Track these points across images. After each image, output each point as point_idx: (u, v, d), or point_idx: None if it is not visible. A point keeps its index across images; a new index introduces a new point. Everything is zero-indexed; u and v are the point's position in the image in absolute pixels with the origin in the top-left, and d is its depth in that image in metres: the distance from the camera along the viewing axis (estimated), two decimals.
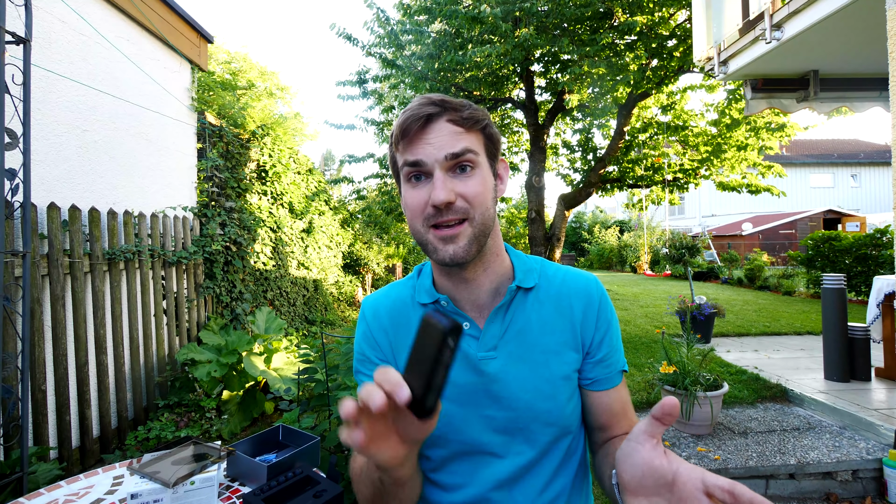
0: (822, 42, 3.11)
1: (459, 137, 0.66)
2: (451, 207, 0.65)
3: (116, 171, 3.06)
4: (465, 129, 0.67)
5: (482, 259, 0.72)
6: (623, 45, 5.30)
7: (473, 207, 0.66)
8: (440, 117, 0.66)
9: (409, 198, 0.68)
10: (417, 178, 0.67)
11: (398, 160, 0.70)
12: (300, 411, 2.12)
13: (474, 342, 0.72)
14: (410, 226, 0.70)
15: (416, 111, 0.66)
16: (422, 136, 0.66)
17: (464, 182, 0.66)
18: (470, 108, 0.68)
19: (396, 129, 0.67)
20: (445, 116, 0.66)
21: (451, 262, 0.66)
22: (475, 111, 0.69)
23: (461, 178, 0.66)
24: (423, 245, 0.69)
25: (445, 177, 0.65)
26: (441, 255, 0.66)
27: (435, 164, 0.65)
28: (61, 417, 2.46)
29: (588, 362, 0.74)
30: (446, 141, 0.65)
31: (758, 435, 2.81)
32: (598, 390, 0.74)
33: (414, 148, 0.66)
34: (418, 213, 0.67)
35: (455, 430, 0.71)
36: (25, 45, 1.94)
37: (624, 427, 0.73)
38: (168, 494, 0.97)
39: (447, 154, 0.65)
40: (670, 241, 5.93)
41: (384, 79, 5.84)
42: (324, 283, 6.86)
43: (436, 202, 0.63)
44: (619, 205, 23.32)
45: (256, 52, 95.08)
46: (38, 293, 2.34)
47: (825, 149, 22.16)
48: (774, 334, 5.42)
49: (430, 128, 0.66)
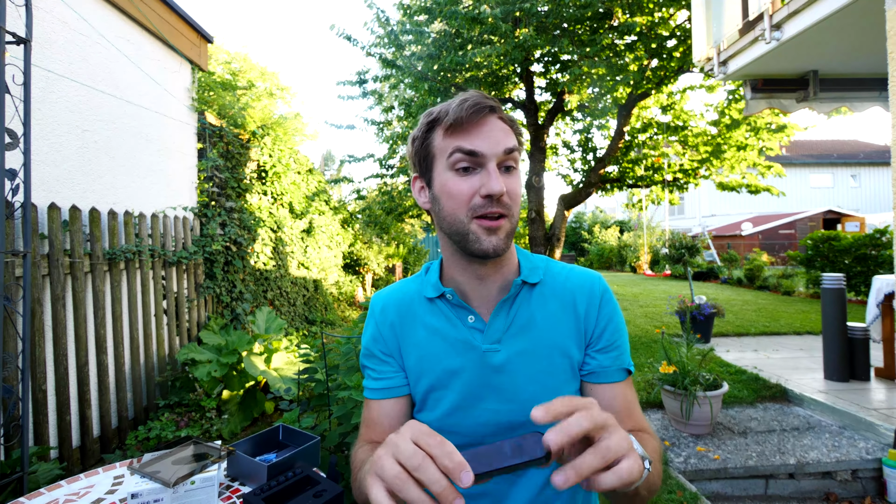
0: (822, 42, 3.11)
1: (510, 136, 0.69)
2: (500, 201, 0.67)
3: (116, 171, 3.06)
4: (510, 129, 0.70)
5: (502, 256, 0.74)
6: (623, 45, 5.30)
7: (514, 205, 0.69)
8: (495, 112, 0.69)
9: (454, 186, 0.68)
10: (466, 168, 0.68)
11: (444, 145, 0.69)
12: (300, 411, 2.12)
13: (479, 335, 0.73)
14: (450, 215, 0.69)
15: (479, 100, 0.67)
16: (480, 127, 0.67)
17: (509, 179, 0.69)
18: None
19: (453, 114, 0.66)
20: (498, 113, 0.69)
21: (494, 253, 0.68)
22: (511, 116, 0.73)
23: (507, 176, 0.69)
24: (463, 235, 0.69)
25: (497, 170, 0.67)
26: (484, 246, 0.67)
27: (493, 157, 0.67)
28: (62, 417, 2.46)
29: (588, 353, 0.75)
30: (501, 137, 0.68)
31: (757, 435, 2.81)
32: (598, 383, 0.73)
33: (471, 137, 0.67)
34: (464, 202, 0.67)
35: (456, 421, 0.72)
36: (26, 45, 1.95)
37: (628, 425, 0.72)
38: (168, 494, 0.97)
39: (505, 148, 0.67)
40: (670, 241, 5.94)
41: (384, 79, 5.85)
42: (324, 283, 6.87)
43: (492, 192, 0.65)
44: (619, 205, 23.32)
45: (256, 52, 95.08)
46: (38, 293, 2.34)
47: (825, 149, 22.15)
48: (774, 334, 5.42)
49: (488, 120, 0.68)
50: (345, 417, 1.73)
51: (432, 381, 0.74)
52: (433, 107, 0.73)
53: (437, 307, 0.77)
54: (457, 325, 0.75)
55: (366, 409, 0.80)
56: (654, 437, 0.69)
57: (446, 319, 0.75)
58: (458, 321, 0.75)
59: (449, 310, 0.76)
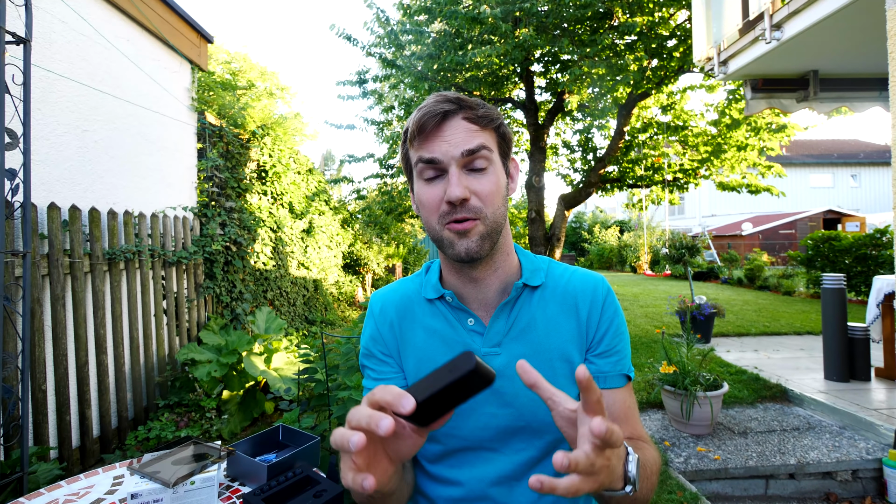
0: (822, 42, 3.11)
1: (475, 135, 0.67)
2: (466, 205, 0.65)
3: (116, 171, 3.06)
4: (480, 127, 0.67)
5: (492, 258, 0.72)
6: (623, 45, 5.30)
7: (486, 206, 0.67)
8: (456, 115, 0.67)
9: (423, 195, 0.68)
10: (432, 175, 0.67)
11: (412, 157, 0.70)
12: (300, 411, 2.12)
13: (479, 338, 0.72)
14: (426, 223, 0.70)
15: (432, 108, 0.65)
16: (438, 134, 0.66)
17: (478, 180, 0.67)
18: (485, 106, 0.69)
19: (412, 125, 0.67)
20: (461, 114, 0.67)
21: (467, 257, 0.67)
22: (490, 110, 0.69)
23: (475, 177, 0.67)
24: (439, 242, 0.69)
25: (460, 174, 0.65)
26: (457, 251, 0.67)
27: (451, 161, 0.65)
28: (61, 417, 2.46)
29: (587, 357, 0.73)
30: (462, 138, 0.66)
31: (758, 435, 2.81)
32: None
33: (430, 145, 0.66)
34: (433, 210, 0.67)
35: (455, 425, 0.71)
36: (25, 45, 1.94)
37: (626, 432, 0.70)
38: (168, 494, 0.97)
39: (463, 151, 0.65)
40: (670, 241, 5.93)
41: (384, 79, 5.84)
42: (324, 283, 6.86)
43: (451, 198, 0.64)
44: (619, 205, 23.31)
45: (256, 52, 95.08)
46: (38, 293, 2.34)
47: (825, 149, 22.14)
48: (774, 334, 5.42)
49: (446, 125, 0.66)
50: (345, 417, 1.73)
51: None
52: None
53: (437, 309, 0.76)
54: (456, 327, 0.74)
55: None
56: (651, 447, 0.68)
57: (446, 322, 0.75)
58: (457, 324, 0.74)
59: (449, 312, 0.75)
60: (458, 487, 0.71)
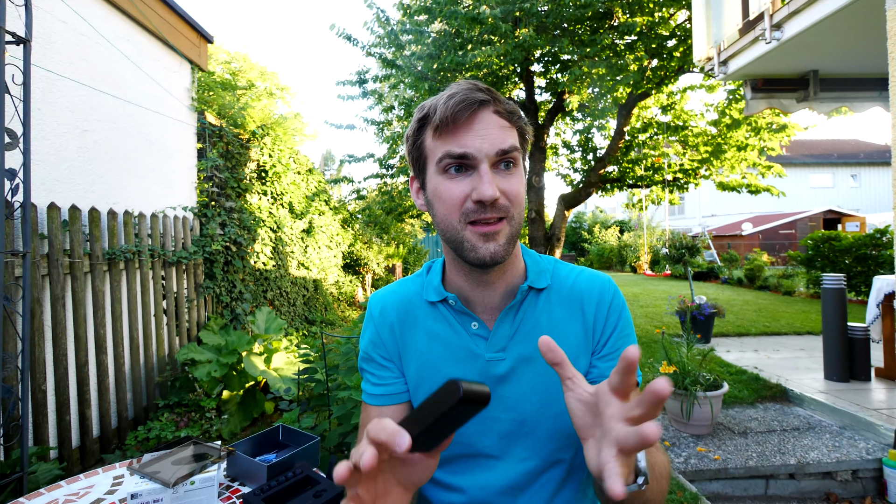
0: (822, 42, 3.11)
1: (507, 133, 0.63)
2: (495, 205, 0.61)
3: (116, 171, 3.06)
4: (509, 123, 0.64)
5: (506, 261, 0.68)
6: (623, 45, 5.30)
7: (514, 206, 0.64)
8: (488, 106, 0.62)
9: (445, 190, 0.63)
10: (458, 169, 0.62)
11: (434, 148, 0.64)
12: (300, 411, 2.12)
13: (483, 342, 0.70)
14: (442, 221, 0.65)
15: (466, 96, 0.60)
16: (470, 127, 0.61)
17: (507, 180, 0.63)
18: (508, 101, 0.66)
19: (440, 114, 0.61)
20: (493, 107, 0.63)
21: (492, 260, 0.62)
22: (512, 104, 0.66)
23: (504, 176, 0.63)
24: (458, 242, 0.64)
25: (492, 172, 0.62)
26: (481, 254, 0.62)
27: (483, 159, 0.61)
28: (61, 417, 2.46)
29: (592, 360, 0.71)
30: (496, 135, 0.62)
31: (758, 435, 2.81)
32: None
33: (460, 138, 0.61)
34: (456, 207, 0.62)
35: (458, 431, 0.69)
36: (25, 45, 1.94)
37: None
38: (168, 494, 0.97)
39: (498, 150, 0.61)
40: (670, 241, 5.94)
41: (384, 79, 5.84)
42: (324, 283, 6.86)
43: (483, 197, 0.60)
44: (619, 205, 23.32)
45: (256, 52, 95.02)
46: (38, 293, 2.34)
47: (825, 149, 22.15)
48: (774, 334, 5.42)
49: (478, 117, 0.62)
50: (345, 417, 1.73)
51: (431, 390, 0.71)
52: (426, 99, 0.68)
53: (440, 312, 0.73)
54: (459, 332, 0.71)
55: (364, 413, 0.77)
56: (660, 451, 0.67)
57: (448, 326, 0.72)
58: (460, 328, 0.71)
59: (452, 315, 0.72)
60: (460, 494, 0.70)
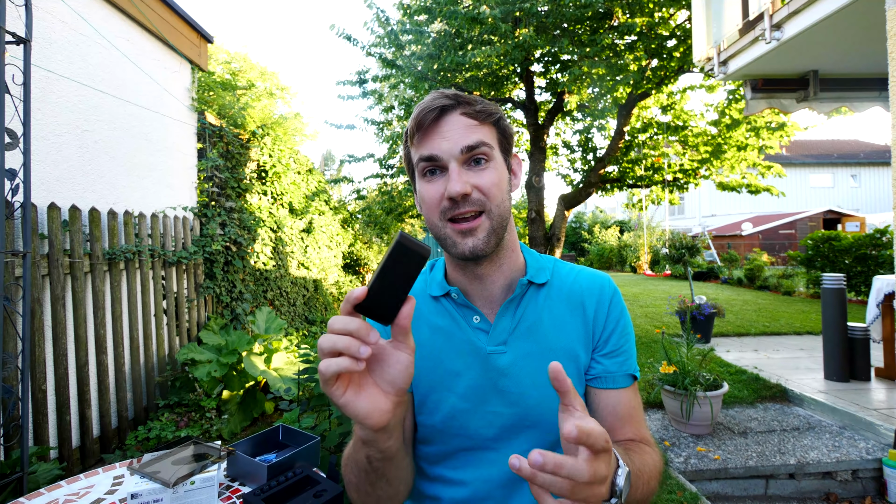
0: (822, 42, 3.11)
1: (473, 130, 0.66)
2: (468, 199, 0.65)
3: (116, 171, 3.06)
4: (479, 122, 0.67)
5: (497, 255, 0.71)
6: (623, 45, 5.29)
7: (490, 199, 0.66)
8: (454, 110, 0.66)
9: (424, 192, 0.68)
10: (433, 172, 0.67)
11: (413, 156, 0.69)
12: (300, 411, 2.12)
13: (484, 336, 0.71)
14: (428, 221, 0.69)
15: (429, 104, 0.65)
16: (436, 130, 0.66)
17: (478, 174, 0.66)
18: (483, 102, 0.68)
19: (411, 123, 0.67)
20: (459, 110, 0.66)
21: (472, 254, 0.66)
22: (488, 105, 0.68)
23: (476, 171, 0.66)
24: (442, 240, 0.68)
25: (460, 169, 0.65)
26: (461, 249, 0.66)
27: (450, 158, 0.65)
28: (61, 417, 2.46)
29: (594, 356, 0.73)
30: (461, 134, 0.65)
31: (758, 435, 2.81)
32: (602, 388, 0.72)
33: (428, 142, 0.66)
34: (434, 206, 0.66)
35: (459, 424, 0.70)
36: (25, 45, 1.94)
37: (628, 433, 0.71)
38: (168, 494, 0.97)
39: (462, 147, 0.65)
40: (670, 241, 5.94)
41: (384, 79, 5.84)
42: (324, 283, 6.86)
43: (451, 194, 0.63)
44: (619, 205, 23.32)
45: (256, 52, 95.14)
46: (38, 293, 2.34)
47: (825, 149, 22.15)
48: (774, 334, 5.42)
49: (444, 121, 0.66)
50: (345, 417, 1.73)
51: (432, 382, 0.72)
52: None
53: (443, 306, 0.75)
54: (461, 325, 0.73)
55: None
56: (653, 450, 0.68)
57: (451, 319, 0.74)
58: (462, 321, 0.73)
59: (454, 309, 0.74)
60: (463, 488, 0.71)
